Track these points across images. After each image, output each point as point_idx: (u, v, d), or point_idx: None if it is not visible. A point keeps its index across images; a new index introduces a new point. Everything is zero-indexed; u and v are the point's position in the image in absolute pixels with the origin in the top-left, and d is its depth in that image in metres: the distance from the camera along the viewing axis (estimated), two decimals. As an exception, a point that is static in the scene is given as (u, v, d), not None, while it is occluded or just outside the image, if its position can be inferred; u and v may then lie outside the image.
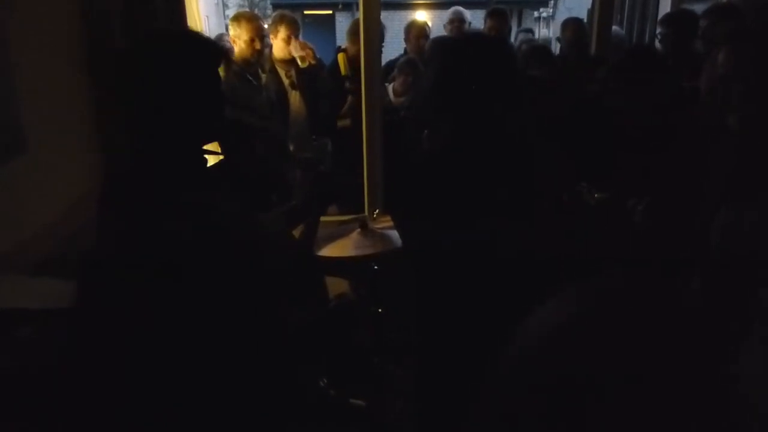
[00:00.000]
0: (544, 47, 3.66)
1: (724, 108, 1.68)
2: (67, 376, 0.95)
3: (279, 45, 3.58)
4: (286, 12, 3.84)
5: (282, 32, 3.56)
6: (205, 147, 1.40)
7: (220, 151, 2.54)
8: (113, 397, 0.86)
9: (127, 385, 0.85)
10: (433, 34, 4.24)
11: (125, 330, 0.86)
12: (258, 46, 3.35)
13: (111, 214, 1.05)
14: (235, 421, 0.96)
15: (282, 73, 3.64)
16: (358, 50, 3.53)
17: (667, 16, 3.69)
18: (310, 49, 3.62)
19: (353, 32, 3.69)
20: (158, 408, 0.87)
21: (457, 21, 4.14)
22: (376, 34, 2.92)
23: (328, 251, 2.25)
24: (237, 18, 3.43)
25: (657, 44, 3.59)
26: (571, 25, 3.59)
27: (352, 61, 3.64)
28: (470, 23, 4.33)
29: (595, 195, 2.38)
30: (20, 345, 1.20)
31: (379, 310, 2.40)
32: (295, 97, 3.67)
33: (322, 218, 1.96)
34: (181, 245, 0.83)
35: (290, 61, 3.64)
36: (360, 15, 2.89)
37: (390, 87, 3.75)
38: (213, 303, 0.84)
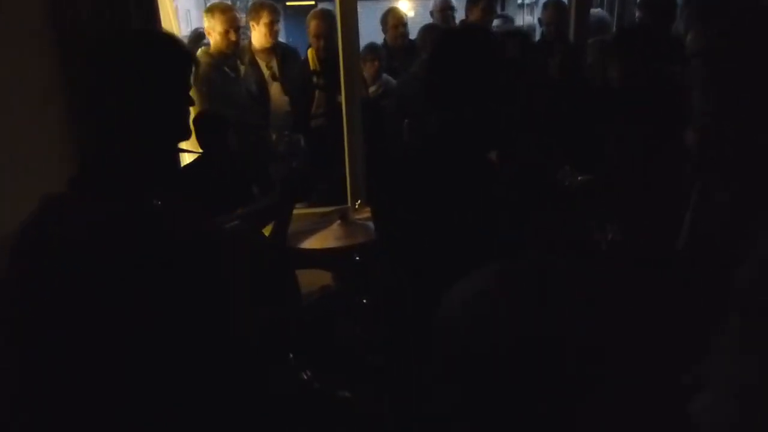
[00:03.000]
0: (520, 31, 3.63)
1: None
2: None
3: (261, 31, 3.51)
4: (266, -1, 3.77)
5: (264, 18, 3.48)
6: (181, 145, 1.38)
7: (198, 147, 2.53)
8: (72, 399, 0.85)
9: (90, 388, 0.85)
10: (411, 23, 4.22)
11: (89, 331, 0.85)
12: (233, 37, 3.31)
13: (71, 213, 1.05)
14: (211, 421, 0.96)
15: (263, 64, 3.59)
16: (320, 45, 3.53)
17: (645, -1, 3.69)
18: None
19: (310, 25, 3.64)
20: (127, 409, 0.87)
21: (447, 9, 4.13)
22: (354, 24, 2.90)
23: (309, 243, 2.25)
24: (211, 9, 3.38)
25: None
26: (551, 5, 3.59)
27: (321, 56, 3.59)
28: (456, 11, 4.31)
29: (579, 178, 2.39)
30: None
31: (363, 301, 2.39)
32: (276, 88, 3.63)
33: (304, 211, 1.95)
34: (137, 248, 0.83)
35: (271, 51, 3.60)
36: (337, 6, 2.87)
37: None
38: (173, 306, 0.84)
